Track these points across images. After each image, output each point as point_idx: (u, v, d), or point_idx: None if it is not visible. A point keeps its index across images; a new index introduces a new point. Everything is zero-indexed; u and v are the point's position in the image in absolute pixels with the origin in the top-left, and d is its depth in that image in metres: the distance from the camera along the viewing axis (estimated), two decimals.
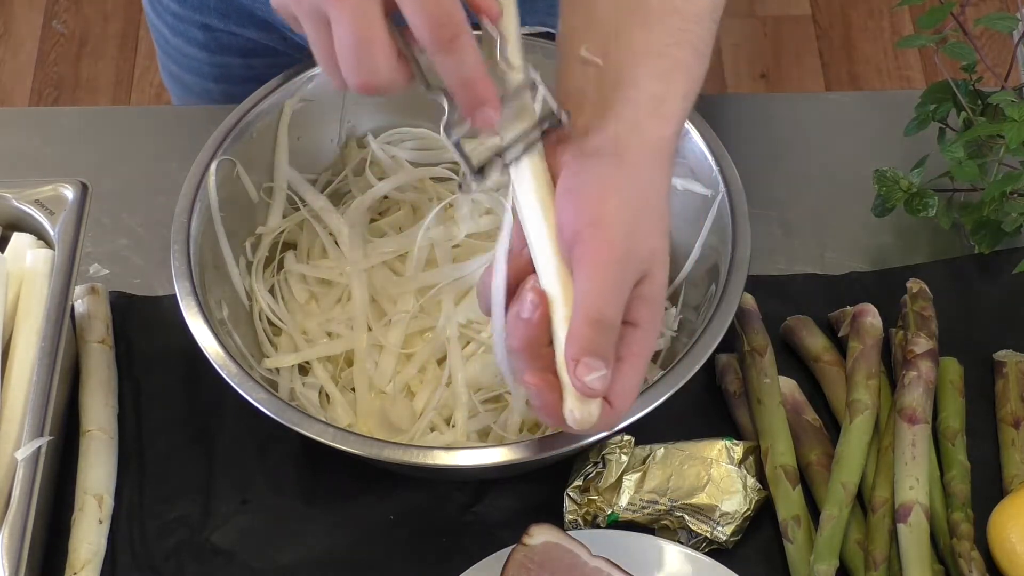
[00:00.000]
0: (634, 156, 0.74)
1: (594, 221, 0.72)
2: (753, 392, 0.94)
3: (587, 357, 0.70)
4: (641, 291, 0.73)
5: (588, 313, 0.71)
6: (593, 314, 0.71)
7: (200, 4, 1.15)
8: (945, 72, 1.05)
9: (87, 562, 0.89)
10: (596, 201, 0.72)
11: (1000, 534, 0.89)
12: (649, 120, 0.75)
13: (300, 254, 1.00)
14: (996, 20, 1.02)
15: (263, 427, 0.89)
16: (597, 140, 0.74)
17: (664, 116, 0.76)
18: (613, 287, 0.71)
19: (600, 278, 0.71)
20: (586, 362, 0.70)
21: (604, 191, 0.73)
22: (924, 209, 1.02)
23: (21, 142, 1.13)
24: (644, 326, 0.74)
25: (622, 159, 0.74)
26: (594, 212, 0.72)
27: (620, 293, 0.72)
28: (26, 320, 0.91)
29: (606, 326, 0.71)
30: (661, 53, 0.77)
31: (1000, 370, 0.97)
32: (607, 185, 0.73)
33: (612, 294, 0.71)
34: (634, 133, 0.75)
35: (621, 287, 0.72)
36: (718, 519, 0.89)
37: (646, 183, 0.74)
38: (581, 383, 0.71)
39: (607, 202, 0.72)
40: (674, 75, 0.77)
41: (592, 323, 0.71)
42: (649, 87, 0.76)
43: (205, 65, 1.20)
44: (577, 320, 0.71)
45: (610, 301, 0.71)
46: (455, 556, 0.89)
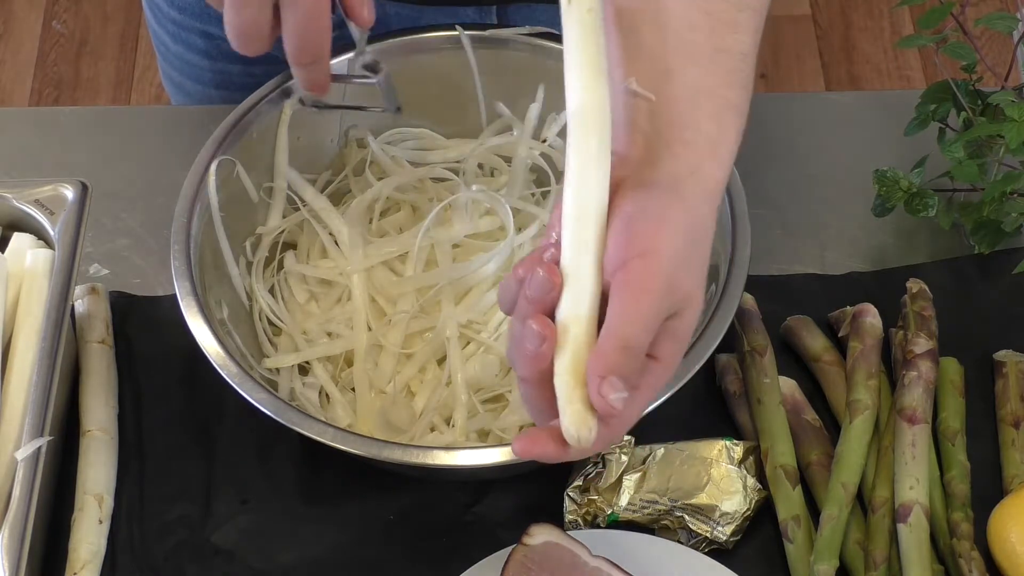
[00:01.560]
0: (690, 196, 0.74)
1: (645, 252, 0.71)
2: (753, 392, 0.94)
3: (614, 377, 0.69)
4: (669, 327, 0.72)
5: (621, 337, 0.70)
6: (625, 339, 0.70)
7: (201, 11, 1.15)
8: (945, 72, 1.05)
9: (87, 562, 0.89)
10: (651, 233, 0.71)
11: (1000, 534, 0.89)
12: (707, 163, 0.75)
13: (300, 254, 1.00)
14: (996, 20, 1.02)
15: (263, 427, 0.89)
16: (655, 174, 0.74)
17: (719, 159, 0.75)
18: (650, 316, 0.71)
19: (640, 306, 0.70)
20: (612, 381, 0.69)
21: (660, 224, 0.72)
22: (924, 209, 1.02)
23: (21, 142, 1.13)
24: (665, 361, 0.73)
25: (680, 197, 0.73)
26: (647, 243, 0.71)
27: (654, 324, 0.71)
28: (26, 320, 0.91)
29: (636, 353, 0.70)
30: (714, 93, 0.76)
31: (1000, 370, 0.97)
32: (664, 219, 0.72)
33: (648, 323, 0.70)
34: (692, 175, 0.74)
35: (655, 319, 0.71)
36: (718, 519, 0.89)
37: (698, 224, 0.74)
38: (604, 401, 0.69)
39: (661, 235, 0.71)
40: (727, 116, 0.76)
41: (623, 348, 0.70)
42: (705, 129, 0.75)
43: (206, 72, 1.20)
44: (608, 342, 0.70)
45: (645, 329, 0.70)
46: (455, 556, 0.89)
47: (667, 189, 0.73)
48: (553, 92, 0.99)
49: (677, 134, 0.75)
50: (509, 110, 1.01)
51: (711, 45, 0.77)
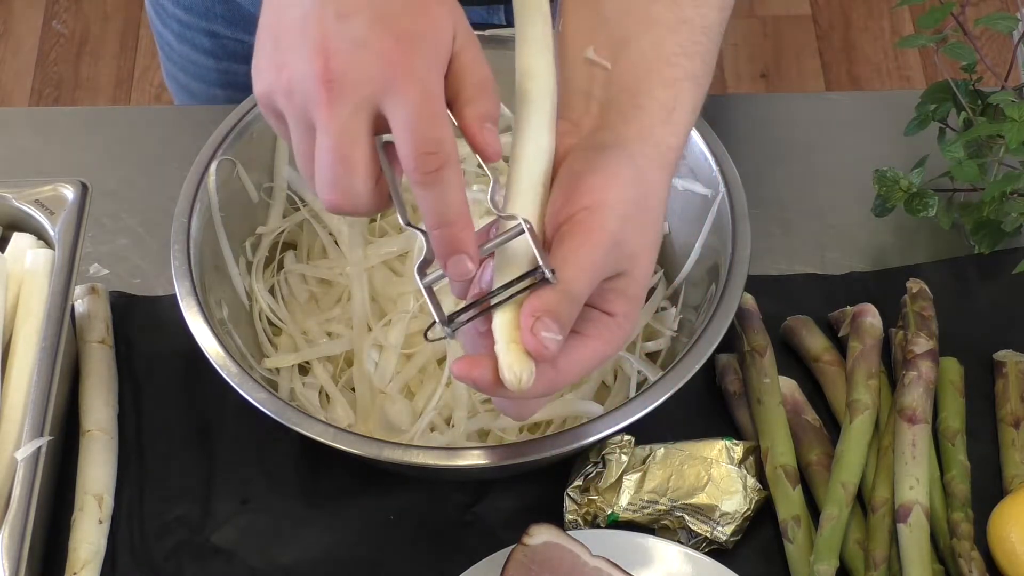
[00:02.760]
0: (642, 159, 0.75)
1: (591, 205, 0.72)
2: (753, 392, 0.94)
3: (547, 318, 0.70)
4: (618, 285, 0.73)
5: (560, 279, 0.70)
6: (565, 281, 0.70)
7: (206, 11, 1.15)
8: (945, 72, 1.04)
9: (87, 562, 0.89)
10: (598, 187, 0.72)
11: (1000, 534, 0.89)
12: (659, 128, 0.76)
13: (300, 254, 1.00)
14: (996, 20, 1.02)
15: (263, 427, 0.89)
16: (607, 137, 0.75)
17: (673, 125, 0.76)
18: (591, 267, 0.71)
19: (581, 252, 0.71)
20: (545, 322, 0.69)
21: (607, 179, 0.73)
22: (924, 209, 1.02)
23: (21, 142, 1.13)
24: (619, 318, 0.74)
25: (631, 159, 0.74)
26: (594, 196, 0.72)
27: (595, 275, 0.72)
28: (26, 320, 0.91)
29: (572, 299, 0.71)
30: (672, 63, 0.77)
31: (1000, 370, 0.97)
32: (611, 175, 0.73)
33: (587, 270, 0.71)
34: (643, 139, 0.75)
35: (597, 271, 0.72)
36: (718, 519, 0.89)
37: (649, 186, 0.75)
38: (535, 339, 0.69)
39: (608, 189, 0.72)
40: (684, 85, 0.77)
41: (562, 295, 0.70)
42: (660, 96, 0.76)
43: (211, 72, 1.20)
44: (549, 291, 0.71)
45: (583, 274, 0.71)
46: (455, 556, 0.89)
47: (616, 149, 0.74)
48: None
49: (630, 99, 0.76)
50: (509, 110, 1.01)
51: (673, 16, 0.78)
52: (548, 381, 0.72)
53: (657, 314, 0.97)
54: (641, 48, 0.77)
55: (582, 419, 0.88)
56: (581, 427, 0.84)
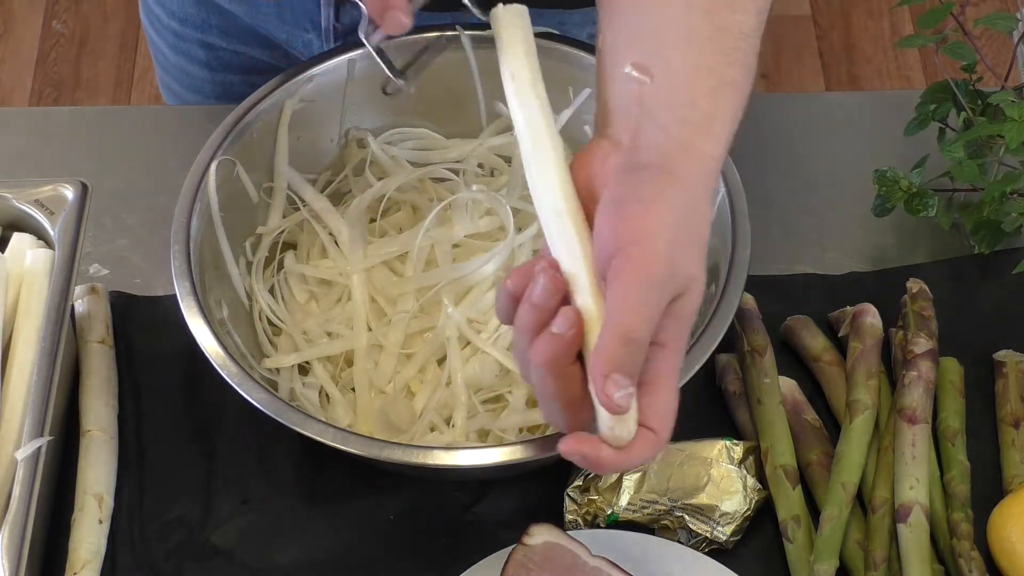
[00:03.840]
0: (684, 174, 0.73)
1: (637, 237, 0.70)
2: (753, 392, 0.94)
3: (616, 374, 0.69)
4: (673, 308, 0.71)
5: (621, 330, 0.69)
6: (626, 332, 0.69)
7: (202, 23, 1.15)
8: (945, 72, 1.05)
9: (87, 562, 0.89)
10: (641, 216, 0.71)
11: (1000, 534, 0.89)
12: (700, 139, 0.74)
13: (300, 254, 1.00)
14: (996, 20, 1.02)
15: (263, 427, 0.89)
16: (647, 156, 0.73)
17: (715, 135, 0.75)
18: (648, 307, 0.70)
19: (637, 296, 0.69)
20: (615, 379, 0.69)
21: (651, 207, 0.71)
22: (924, 209, 1.02)
23: (21, 142, 1.13)
24: (671, 346, 0.72)
25: (672, 176, 0.72)
26: (639, 228, 0.70)
27: (654, 314, 0.70)
28: (26, 320, 0.91)
29: (637, 345, 0.69)
30: (712, 71, 0.76)
31: (1000, 370, 0.97)
32: (655, 201, 0.71)
33: (647, 314, 0.70)
34: (685, 151, 0.73)
35: (656, 308, 0.70)
36: (718, 519, 0.89)
37: (693, 203, 0.73)
38: (609, 399, 0.69)
39: (652, 219, 0.71)
40: (725, 93, 0.76)
41: (624, 341, 0.69)
42: (700, 106, 0.75)
43: (206, 83, 1.19)
44: (608, 336, 0.69)
45: (644, 321, 0.69)
46: (455, 556, 0.89)
47: (658, 169, 0.72)
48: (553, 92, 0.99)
49: (672, 112, 0.74)
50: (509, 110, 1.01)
51: (710, 25, 0.76)
52: (651, 444, 0.71)
53: None
54: (680, 59, 0.76)
55: None
56: None
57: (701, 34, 0.76)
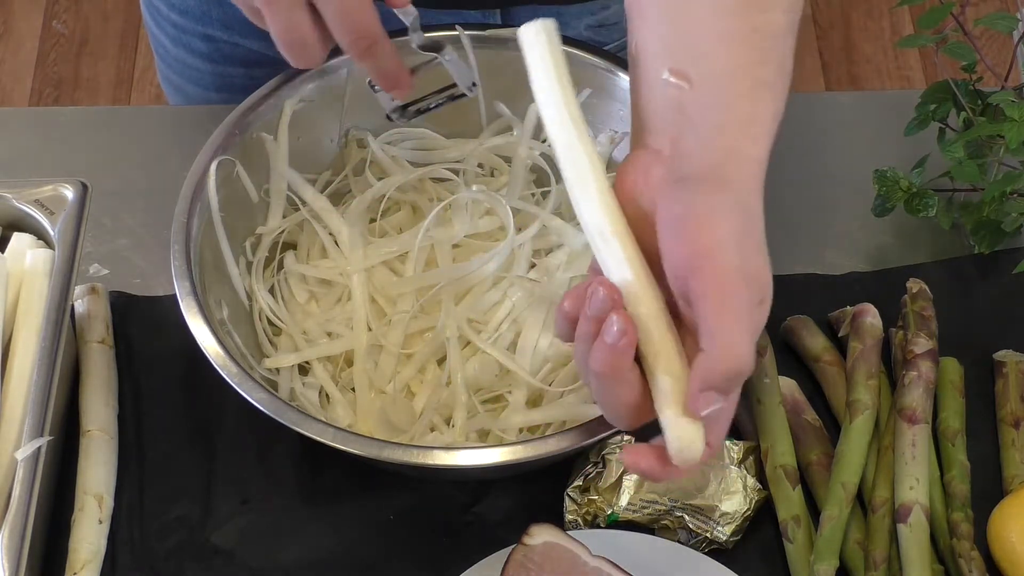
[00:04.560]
0: (735, 181, 0.72)
1: (707, 253, 0.69)
2: (753, 392, 0.94)
3: (710, 391, 0.68)
4: None
5: (726, 366, 0.68)
6: (732, 366, 0.68)
7: (202, 15, 1.15)
8: (945, 72, 1.05)
9: (87, 562, 0.89)
10: (706, 231, 0.69)
11: (1000, 534, 0.89)
12: (743, 143, 0.73)
13: (300, 254, 1.00)
14: (996, 20, 1.02)
15: (263, 427, 0.89)
16: (694, 166, 0.72)
17: (756, 137, 0.74)
18: (747, 323, 0.69)
19: (732, 315, 0.68)
20: (708, 395, 0.68)
21: (711, 218, 0.70)
22: (924, 209, 1.02)
23: (21, 142, 1.13)
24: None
25: (725, 184, 0.71)
26: (706, 244, 0.69)
27: (754, 329, 0.69)
28: (26, 320, 0.91)
29: (741, 367, 0.68)
30: (747, 73, 0.75)
31: (1000, 370, 0.97)
32: (713, 211, 0.70)
33: (748, 335, 0.69)
34: (731, 158, 0.73)
35: (753, 320, 0.69)
36: (718, 519, 0.89)
37: (749, 209, 0.72)
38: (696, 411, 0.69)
39: (717, 232, 0.69)
40: (762, 94, 0.75)
41: (732, 373, 0.68)
42: (739, 109, 0.74)
43: (207, 75, 1.19)
44: (714, 362, 0.68)
45: (749, 346, 0.68)
46: (455, 556, 0.89)
47: (708, 180, 0.71)
48: None
49: (712, 118, 0.74)
50: (509, 110, 1.01)
51: (744, 25, 0.75)
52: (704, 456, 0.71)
53: None
54: (717, 63, 0.75)
55: (582, 419, 0.88)
56: (581, 427, 0.84)
57: (735, 36, 0.75)
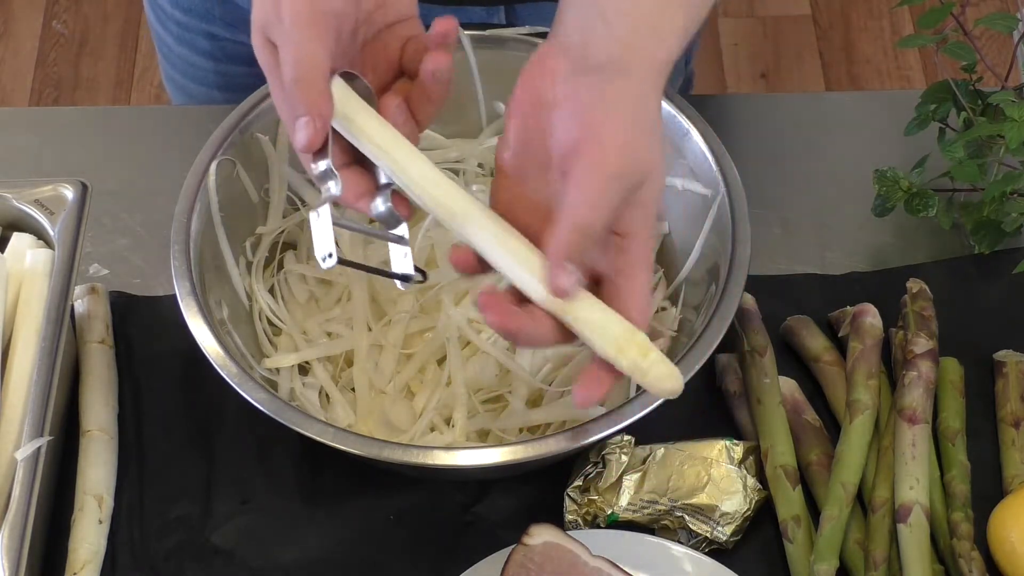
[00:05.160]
0: (633, 73, 0.76)
1: (591, 136, 0.74)
2: (753, 392, 0.94)
3: (568, 262, 0.73)
4: (635, 198, 0.75)
5: (574, 221, 0.73)
6: (578, 222, 0.73)
7: (206, 13, 1.15)
8: (945, 72, 1.05)
9: (87, 562, 0.89)
10: (593, 115, 0.74)
11: (1000, 534, 0.89)
12: (645, 41, 0.77)
13: (300, 254, 1.00)
14: (996, 20, 1.02)
15: (263, 427, 0.89)
16: (598, 58, 0.76)
17: (660, 37, 0.78)
18: (604, 198, 0.74)
19: (593, 189, 0.73)
20: (565, 266, 0.73)
21: (602, 105, 0.75)
22: (924, 209, 1.02)
23: (21, 142, 1.13)
24: (639, 234, 0.76)
25: (623, 74, 0.76)
26: (592, 127, 0.74)
27: (610, 205, 0.74)
28: (26, 320, 0.91)
29: (586, 234, 0.73)
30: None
31: (1000, 370, 0.97)
32: (605, 100, 0.75)
33: (602, 205, 0.74)
34: (632, 52, 0.77)
35: (612, 199, 0.74)
36: (718, 519, 0.89)
37: (642, 99, 0.76)
38: (559, 287, 0.73)
39: (605, 116, 0.74)
40: (672, 4, 0.79)
41: (574, 228, 0.73)
42: (648, 12, 0.78)
43: (210, 74, 1.19)
44: (561, 227, 0.73)
45: (595, 210, 0.73)
46: (455, 556, 0.89)
47: (607, 69, 0.75)
48: None
49: (621, 18, 0.77)
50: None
51: None
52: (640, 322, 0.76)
53: (657, 314, 0.96)
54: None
55: (582, 419, 0.88)
56: (581, 427, 0.84)
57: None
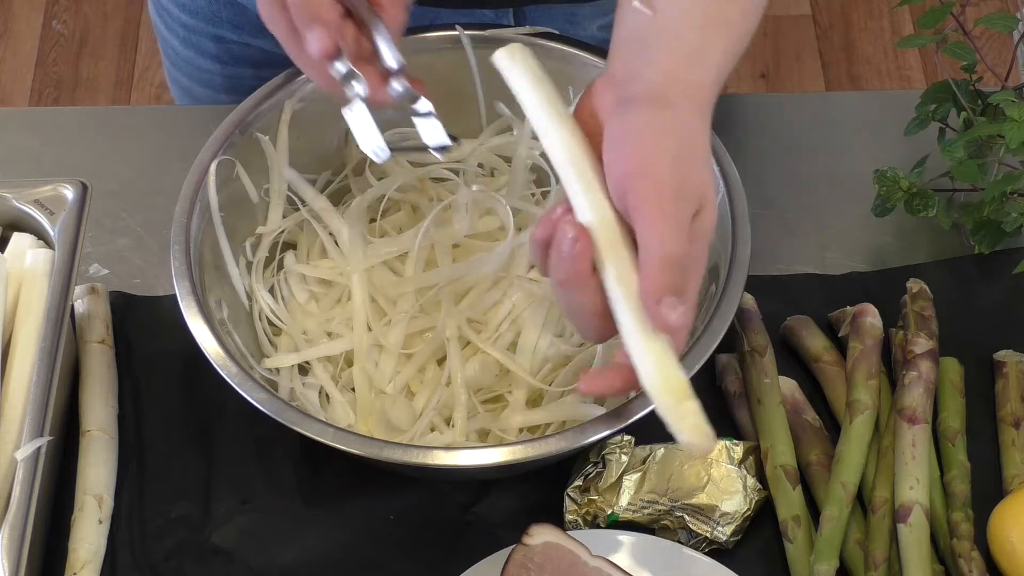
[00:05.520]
0: (675, 103, 0.76)
1: (642, 169, 0.74)
2: (753, 392, 0.94)
3: (668, 297, 0.73)
4: (692, 230, 0.75)
5: (660, 255, 0.73)
6: (666, 255, 0.73)
7: (212, 16, 1.15)
8: (945, 72, 1.04)
9: (87, 562, 0.89)
10: (641, 147, 0.74)
11: (1000, 534, 0.89)
12: (687, 69, 0.77)
13: (300, 254, 1.00)
14: (996, 20, 1.02)
15: (263, 427, 0.89)
16: (638, 88, 0.76)
17: (703, 66, 0.78)
18: (676, 223, 0.73)
19: (662, 218, 0.73)
20: (668, 302, 0.73)
21: (648, 137, 0.75)
22: (924, 209, 1.02)
23: (21, 142, 1.13)
24: (698, 260, 0.76)
25: (665, 105, 0.76)
26: (641, 159, 0.74)
27: (683, 228, 0.74)
28: (26, 320, 0.91)
29: (679, 264, 0.73)
30: (706, 8, 0.79)
31: (1000, 370, 0.97)
32: (650, 131, 0.75)
33: (677, 231, 0.73)
34: (674, 81, 0.77)
35: (683, 222, 0.74)
36: (718, 519, 0.89)
37: (687, 126, 0.76)
38: (666, 321, 0.73)
39: (652, 147, 0.74)
40: (717, 27, 0.79)
41: (666, 265, 0.73)
42: (689, 38, 0.78)
43: (217, 76, 1.19)
44: (650, 265, 0.73)
45: (677, 238, 0.73)
46: (455, 556, 0.89)
47: (649, 101, 0.76)
48: None
49: (663, 43, 0.78)
50: (509, 110, 1.01)
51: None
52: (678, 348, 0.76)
53: None
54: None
55: (582, 419, 0.88)
56: (581, 427, 0.84)
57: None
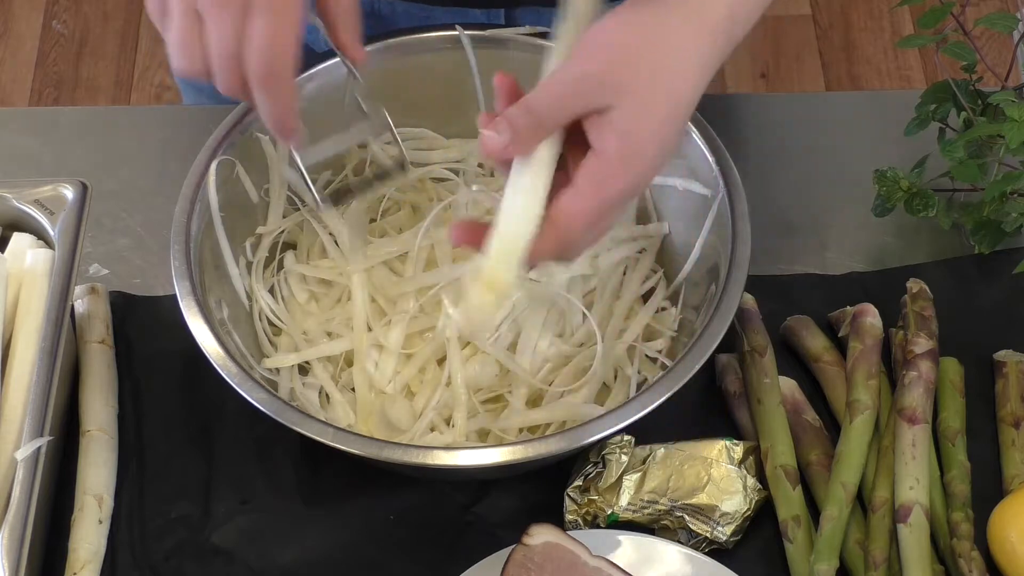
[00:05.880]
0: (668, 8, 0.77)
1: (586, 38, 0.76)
2: (753, 392, 0.94)
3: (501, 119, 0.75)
4: (610, 118, 0.75)
5: (529, 101, 0.75)
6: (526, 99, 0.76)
7: None
8: (945, 72, 1.05)
9: (87, 562, 0.89)
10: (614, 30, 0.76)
11: (1000, 534, 0.89)
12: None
13: (300, 254, 1.00)
14: (996, 20, 1.02)
15: (263, 427, 0.89)
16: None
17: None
18: (556, 89, 0.76)
19: (551, 80, 0.76)
20: (497, 122, 0.76)
21: (626, 24, 0.76)
22: (924, 209, 1.02)
23: (21, 142, 1.13)
24: (608, 155, 0.75)
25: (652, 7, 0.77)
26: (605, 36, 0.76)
27: (556, 97, 0.75)
28: (26, 320, 0.91)
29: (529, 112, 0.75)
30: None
31: (1000, 370, 0.97)
32: (631, 20, 0.77)
33: (548, 93, 0.76)
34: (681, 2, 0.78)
35: (563, 95, 0.75)
36: (718, 519, 0.89)
37: (663, 32, 0.77)
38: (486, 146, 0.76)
39: (602, 31, 0.76)
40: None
41: (521, 104, 0.76)
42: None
43: None
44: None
45: (543, 97, 0.75)
46: (455, 556, 0.89)
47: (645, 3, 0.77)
48: None
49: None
50: None
51: None
52: (553, 239, 0.76)
53: (657, 314, 0.97)
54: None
55: (582, 419, 0.88)
56: (581, 427, 0.84)
57: None
